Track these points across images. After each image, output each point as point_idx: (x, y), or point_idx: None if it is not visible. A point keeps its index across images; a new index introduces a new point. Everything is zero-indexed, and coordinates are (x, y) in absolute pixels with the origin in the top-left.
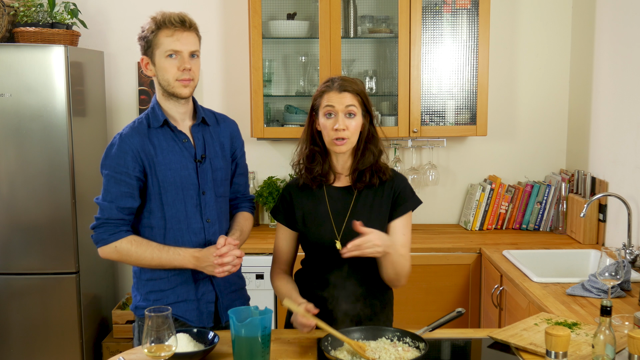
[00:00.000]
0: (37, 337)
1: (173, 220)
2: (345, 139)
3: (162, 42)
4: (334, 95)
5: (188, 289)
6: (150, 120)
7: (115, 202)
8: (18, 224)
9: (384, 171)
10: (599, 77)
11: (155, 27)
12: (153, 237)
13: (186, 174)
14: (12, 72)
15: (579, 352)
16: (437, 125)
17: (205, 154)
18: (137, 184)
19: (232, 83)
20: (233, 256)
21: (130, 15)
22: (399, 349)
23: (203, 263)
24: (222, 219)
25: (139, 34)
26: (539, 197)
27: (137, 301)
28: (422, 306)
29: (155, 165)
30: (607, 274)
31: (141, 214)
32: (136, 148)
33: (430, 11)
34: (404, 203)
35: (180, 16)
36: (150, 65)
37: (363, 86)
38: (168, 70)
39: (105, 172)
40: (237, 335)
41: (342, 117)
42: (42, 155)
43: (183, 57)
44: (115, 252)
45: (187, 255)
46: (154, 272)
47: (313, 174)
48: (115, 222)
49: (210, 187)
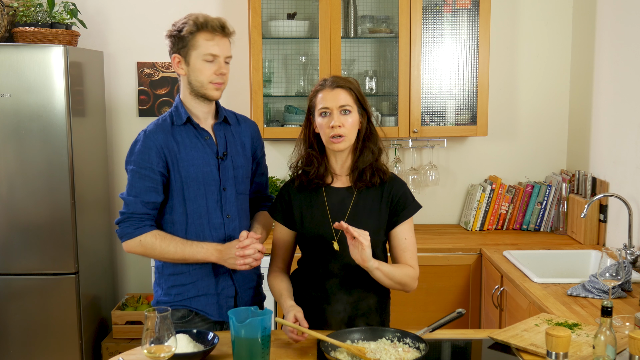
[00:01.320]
0: (37, 338)
1: (194, 216)
2: (342, 136)
3: (200, 45)
4: (327, 92)
5: (208, 283)
6: (174, 117)
7: (139, 197)
8: (17, 224)
9: (384, 170)
10: (599, 77)
11: (195, 29)
12: (175, 232)
13: (208, 170)
14: (11, 72)
15: (579, 353)
16: (438, 126)
17: (226, 151)
18: (160, 179)
19: (232, 83)
20: (255, 249)
21: (129, 15)
22: (399, 350)
23: (225, 256)
24: (242, 216)
25: (170, 30)
26: (539, 197)
27: (158, 296)
28: (423, 307)
29: (178, 162)
30: (608, 274)
31: (163, 210)
32: (160, 144)
33: (430, 11)
34: (405, 209)
35: (221, 22)
36: (183, 64)
37: (357, 84)
38: (204, 72)
39: (130, 168)
40: (237, 336)
41: (337, 114)
42: (41, 156)
43: (220, 62)
44: (140, 245)
45: (210, 249)
46: (176, 266)
47: (309, 176)
48: (140, 217)
49: (231, 184)
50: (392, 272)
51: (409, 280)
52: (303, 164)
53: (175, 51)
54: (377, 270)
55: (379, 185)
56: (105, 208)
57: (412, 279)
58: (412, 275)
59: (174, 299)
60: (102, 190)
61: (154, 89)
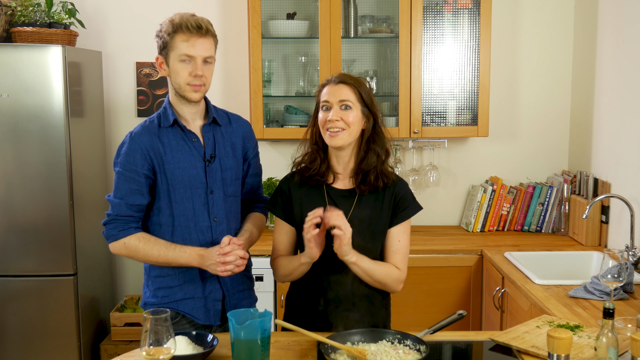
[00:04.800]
0: (35, 340)
1: (181, 218)
2: (338, 130)
3: (177, 46)
4: (331, 87)
5: (195, 287)
6: (161, 119)
7: (124, 199)
8: (15, 226)
9: (388, 175)
10: (601, 77)
11: (172, 30)
12: (162, 235)
13: (194, 172)
14: (9, 72)
15: (581, 355)
16: (438, 126)
17: (214, 153)
18: (146, 182)
19: (232, 83)
20: (236, 256)
21: (128, 15)
22: (399, 352)
23: (207, 261)
24: (231, 219)
25: (157, 32)
26: (541, 198)
27: (146, 297)
28: (423, 308)
29: (164, 164)
30: (610, 276)
31: (150, 212)
32: (145, 147)
33: (431, 11)
34: (404, 210)
35: (197, 21)
36: (165, 66)
37: (365, 84)
38: (180, 73)
39: (117, 170)
40: (237, 338)
41: (336, 108)
42: (39, 156)
43: (196, 63)
44: (125, 248)
45: (192, 254)
46: (162, 269)
47: (309, 172)
48: (125, 219)
49: (219, 187)
50: (371, 269)
51: (390, 282)
52: (307, 160)
53: (158, 52)
54: (354, 265)
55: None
56: (104, 209)
57: (394, 281)
58: (395, 277)
59: (160, 301)
60: (100, 191)
61: (153, 89)
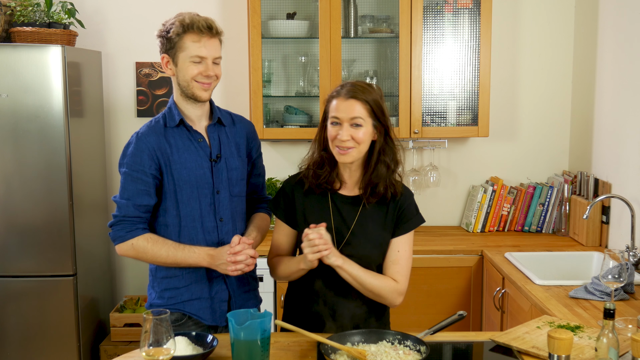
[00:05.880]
0: (34, 341)
1: (188, 219)
2: (349, 149)
3: (187, 46)
4: (341, 102)
5: (202, 287)
6: (167, 119)
7: (132, 200)
8: (15, 226)
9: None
10: (602, 77)
11: (181, 30)
12: (168, 235)
13: (201, 173)
14: (8, 72)
15: (581, 356)
16: (439, 126)
17: (220, 153)
18: (153, 182)
19: (231, 83)
20: (246, 255)
21: (128, 15)
22: (399, 352)
23: (217, 261)
24: (237, 219)
25: (160, 31)
26: (541, 198)
27: (152, 299)
28: (423, 309)
29: (171, 164)
30: (610, 276)
31: (157, 212)
32: (152, 147)
33: (431, 11)
34: (407, 222)
35: (207, 22)
36: (171, 65)
37: (377, 95)
38: (190, 73)
39: (123, 171)
40: (236, 339)
41: (347, 127)
42: (39, 157)
43: (207, 63)
44: (132, 249)
45: (201, 254)
46: (169, 269)
47: (319, 180)
48: (132, 220)
49: (225, 187)
50: (360, 275)
51: (385, 293)
52: (315, 167)
53: (164, 51)
54: (340, 270)
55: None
56: (103, 209)
57: (390, 292)
58: (391, 289)
59: (167, 302)
60: (100, 192)
61: (153, 89)
